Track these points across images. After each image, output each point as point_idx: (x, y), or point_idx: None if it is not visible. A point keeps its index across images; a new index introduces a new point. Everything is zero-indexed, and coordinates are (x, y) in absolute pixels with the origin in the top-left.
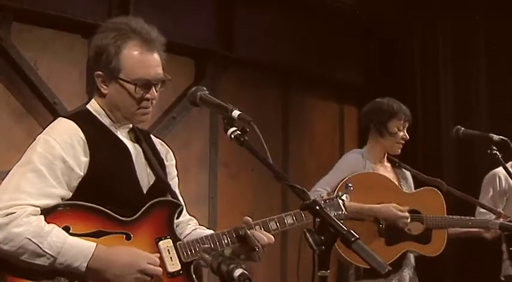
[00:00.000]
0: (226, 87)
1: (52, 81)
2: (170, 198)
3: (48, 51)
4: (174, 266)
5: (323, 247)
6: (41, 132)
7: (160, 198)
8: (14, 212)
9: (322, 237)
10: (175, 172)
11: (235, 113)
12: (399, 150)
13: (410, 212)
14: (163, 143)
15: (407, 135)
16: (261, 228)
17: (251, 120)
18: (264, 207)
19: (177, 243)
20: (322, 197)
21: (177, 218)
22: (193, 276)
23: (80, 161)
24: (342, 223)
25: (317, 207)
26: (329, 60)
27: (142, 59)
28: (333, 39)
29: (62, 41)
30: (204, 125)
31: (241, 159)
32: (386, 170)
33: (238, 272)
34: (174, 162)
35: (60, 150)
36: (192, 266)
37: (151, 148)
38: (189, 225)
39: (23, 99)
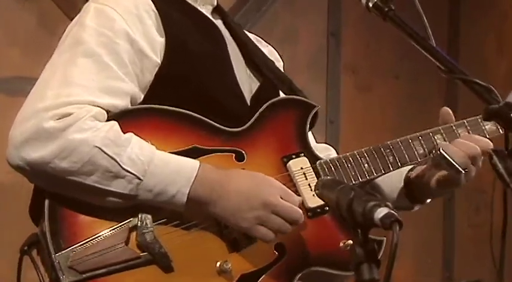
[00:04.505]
0: None
1: None
2: (297, 97)
3: None
4: (315, 198)
5: None
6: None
7: (283, 97)
8: (71, 113)
9: None
10: None
11: None
12: None
13: None
14: (259, 38)
15: None
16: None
17: None
18: None
19: (317, 162)
20: None
21: (311, 127)
22: None
23: (154, 41)
24: None
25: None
26: None
27: None
28: None
29: None
30: (318, 4)
31: (377, 61)
32: None
33: (381, 211)
34: (281, 64)
35: (123, 24)
36: None
37: (250, 40)
38: None
39: None
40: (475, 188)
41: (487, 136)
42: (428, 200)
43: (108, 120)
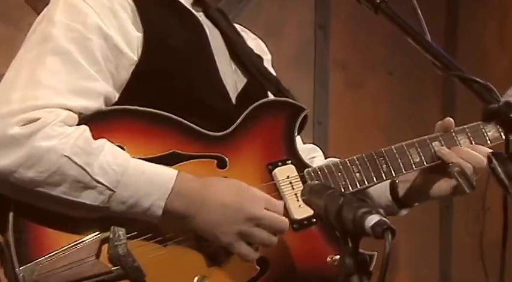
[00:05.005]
0: None
1: None
2: (286, 99)
3: None
4: (301, 209)
5: None
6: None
7: (270, 99)
8: (39, 118)
9: None
10: (273, 73)
11: None
12: None
13: None
14: (245, 29)
15: None
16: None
17: None
18: (408, 139)
19: (305, 171)
20: None
21: (300, 131)
22: None
23: (130, 36)
24: None
25: None
26: None
27: None
28: None
29: None
30: None
31: (369, 56)
32: None
33: (373, 219)
34: (269, 57)
35: (95, 18)
36: None
37: (235, 33)
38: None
39: None
40: (474, 195)
41: (489, 143)
42: (416, 204)
43: (78, 123)
